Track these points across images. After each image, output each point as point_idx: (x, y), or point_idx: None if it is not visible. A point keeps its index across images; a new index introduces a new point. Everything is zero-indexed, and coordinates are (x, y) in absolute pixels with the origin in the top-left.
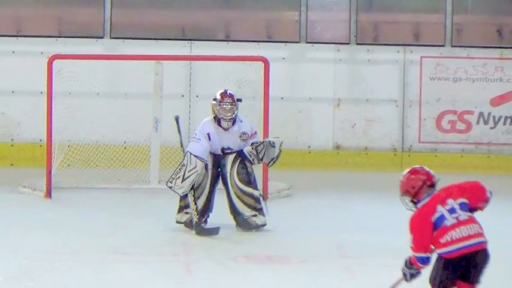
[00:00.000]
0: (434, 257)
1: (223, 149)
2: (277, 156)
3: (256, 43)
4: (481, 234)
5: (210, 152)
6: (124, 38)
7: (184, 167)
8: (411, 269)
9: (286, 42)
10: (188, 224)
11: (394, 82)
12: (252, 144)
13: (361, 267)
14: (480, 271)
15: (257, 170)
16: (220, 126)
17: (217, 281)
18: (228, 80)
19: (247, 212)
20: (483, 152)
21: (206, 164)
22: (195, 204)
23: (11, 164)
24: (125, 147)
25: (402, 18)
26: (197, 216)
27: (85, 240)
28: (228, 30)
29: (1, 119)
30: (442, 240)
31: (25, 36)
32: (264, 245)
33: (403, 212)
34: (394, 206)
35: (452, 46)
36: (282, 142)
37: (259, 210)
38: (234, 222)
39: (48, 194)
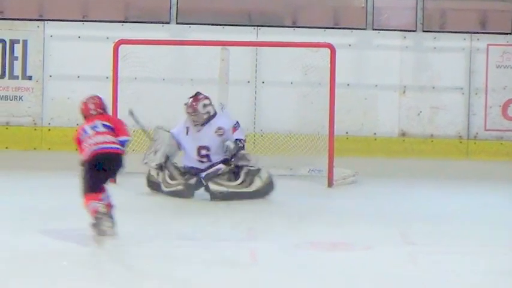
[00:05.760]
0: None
1: (199, 148)
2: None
3: (323, 29)
4: (115, 143)
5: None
6: (190, 24)
7: (154, 142)
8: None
9: (352, 29)
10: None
11: (460, 70)
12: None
13: (426, 254)
14: (113, 171)
15: (323, 157)
16: None
17: (281, 268)
18: (294, 67)
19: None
20: None
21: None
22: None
23: (76, 149)
24: None
25: (469, 6)
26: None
27: (150, 226)
28: (294, 17)
29: (67, 104)
30: (82, 146)
31: (91, 21)
32: (329, 231)
33: (468, 201)
34: (460, 194)
35: None
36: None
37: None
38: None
39: (113, 179)
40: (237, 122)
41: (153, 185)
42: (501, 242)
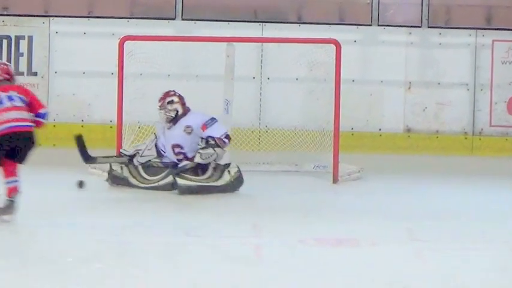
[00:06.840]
0: None
1: (173, 146)
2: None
3: (328, 25)
4: (29, 120)
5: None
6: (196, 20)
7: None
8: None
9: (358, 25)
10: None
11: (465, 66)
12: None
13: (432, 251)
14: (25, 150)
15: (328, 153)
16: None
17: (286, 264)
18: (300, 63)
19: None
20: None
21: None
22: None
23: None
24: None
25: (474, 2)
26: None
27: (155, 222)
28: (299, 13)
29: (72, 100)
30: None
31: (97, 17)
32: (334, 227)
33: (473, 197)
34: (465, 190)
35: None
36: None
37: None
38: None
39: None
40: (212, 118)
41: (117, 180)
42: (506, 239)
